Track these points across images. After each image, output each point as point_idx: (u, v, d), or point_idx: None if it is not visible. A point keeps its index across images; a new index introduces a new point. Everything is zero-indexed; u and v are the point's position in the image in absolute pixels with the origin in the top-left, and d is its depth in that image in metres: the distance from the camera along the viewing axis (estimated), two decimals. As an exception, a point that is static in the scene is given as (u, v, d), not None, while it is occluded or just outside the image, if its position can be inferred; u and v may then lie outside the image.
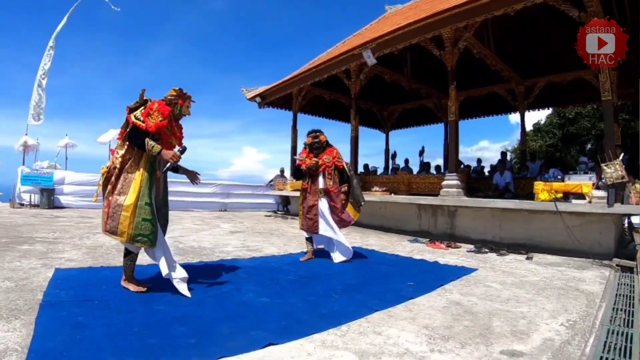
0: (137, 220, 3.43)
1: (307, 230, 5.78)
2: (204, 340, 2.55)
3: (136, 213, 3.43)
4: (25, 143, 14.05)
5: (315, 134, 5.83)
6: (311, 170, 5.70)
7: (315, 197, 5.69)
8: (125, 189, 3.51)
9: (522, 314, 3.35)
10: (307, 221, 5.73)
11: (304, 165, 5.73)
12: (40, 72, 14.31)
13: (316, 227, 5.63)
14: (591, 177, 6.77)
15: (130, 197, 3.45)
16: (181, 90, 3.81)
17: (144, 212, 3.46)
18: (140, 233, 3.44)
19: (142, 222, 3.45)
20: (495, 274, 5.03)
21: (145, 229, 3.46)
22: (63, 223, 8.48)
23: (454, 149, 9.22)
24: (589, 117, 22.76)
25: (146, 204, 3.48)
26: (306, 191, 5.81)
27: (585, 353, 2.51)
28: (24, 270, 4.13)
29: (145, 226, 3.46)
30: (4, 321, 2.67)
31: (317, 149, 5.79)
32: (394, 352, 2.48)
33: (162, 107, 3.61)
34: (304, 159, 5.77)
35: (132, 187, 3.49)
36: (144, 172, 3.54)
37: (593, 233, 6.57)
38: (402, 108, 17.04)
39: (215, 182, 16.06)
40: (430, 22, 8.68)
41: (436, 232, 9.01)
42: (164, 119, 3.56)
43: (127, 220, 3.42)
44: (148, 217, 3.47)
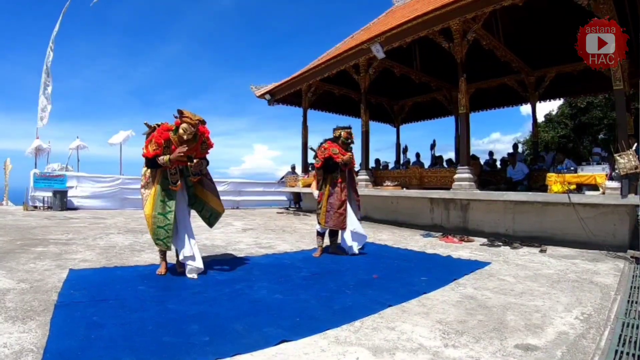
0: (154, 228, 4.08)
1: (334, 226, 5.64)
2: (217, 338, 2.57)
3: (152, 222, 4.08)
4: (38, 147, 14.24)
5: (350, 132, 5.82)
6: (345, 165, 5.66)
7: (346, 192, 5.67)
8: (145, 202, 4.20)
9: (536, 307, 3.34)
10: (336, 217, 5.58)
11: (338, 159, 5.60)
12: (43, 74, 14.49)
13: (345, 222, 5.61)
14: (604, 168, 6.68)
15: (146, 208, 4.13)
16: (179, 111, 4.10)
17: (157, 221, 4.08)
18: (157, 238, 4.10)
19: (157, 229, 4.08)
20: (508, 268, 5.01)
21: (160, 235, 4.08)
22: (76, 224, 8.59)
23: (465, 141, 9.17)
24: (601, 106, 22.40)
25: (159, 214, 4.07)
26: (335, 185, 5.64)
27: (600, 347, 2.50)
28: (38, 271, 4.20)
29: (159, 232, 4.08)
30: (20, 322, 2.72)
31: (348, 145, 5.79)
32: (408, 347, 2.49)
33: (159, 134, 4.05)
34: (337, 153, 5.64)
35: (147, 201, 4.15)
36: (157, 187, 4.15)
37: (607, 225, 6.51)
38: (412, 102, 16.94)
39: (226, 180, 16.13)
40: (438, 14, 8.63)
41: (449, 226, 8.98)
42: (157, 147, 4.01)
43: (149, 227, 4.13)
44: (161, 225, 4.08)
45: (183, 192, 4.34)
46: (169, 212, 4.09)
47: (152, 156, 4.02)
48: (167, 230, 4.07)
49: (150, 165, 4.14)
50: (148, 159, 4.09)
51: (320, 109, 16.68)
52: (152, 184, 4.19)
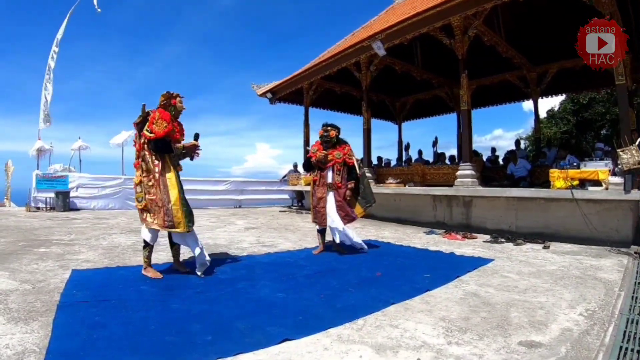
0: (184, 210, 4.07)
1: (317, 222, 5.84)
2: (220, 337, 2.57)
3: (181, 204, 4.06)
4: (40, 148, 14.27)
5: (326, 128, 5.83)
6: (320, 163, 5.73)
7: (324, 189, 5.73)
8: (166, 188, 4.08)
9: (540, 304, 3.33)
10: (316, 213, 5.79)
11: (314, 157, 5.76)
12: (46, 76, 14.51)
13: (324, 219, 5.68)
14: (607, 164, 6.66)
15: (172, 193, 4.06)
16: (168, 92, 4.23)
17: (185, 202, 4.12)
18: (190, 220, 4.11)
19: (187, 210, 4.11)
20: (512, 264, 4.99)
21: (190, 216, 4.14)
22: (79, 225, 8.61)
23: (468, 138, 9.16)
24: (603, 102, 22.33)
25: (182, 197, 4.11)
26: (315, 184, 5.84)
27: (604, 343, 2.49)
28: (41, 272, 4.21)
29: (188, 212, 4.12)
30: (22, 323, 2.72)
31: (327, 142, 5.79)
32: (411, 345, 2.48)
33: (162, 113, 4.08)
34: (315, 151, 5.80)
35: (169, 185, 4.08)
36: (173, 171, 4.14)
37: (610, 220, 6.49)
38: (414, 99, 16.92)
39: (228, 179, 16.13)
40: (439, 10, 8.61)
41: (452, 223, 8.97)
42: (168, 123, 4.04)
43: (179, 212, 4.03)
44: (186, 206, 4.12)
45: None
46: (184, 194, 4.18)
47: (164, 134, 3.99)
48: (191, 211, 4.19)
49: (160, 148, 4.06)
50: (158, 141, 4.01)
51: (322, 107, 16.69)
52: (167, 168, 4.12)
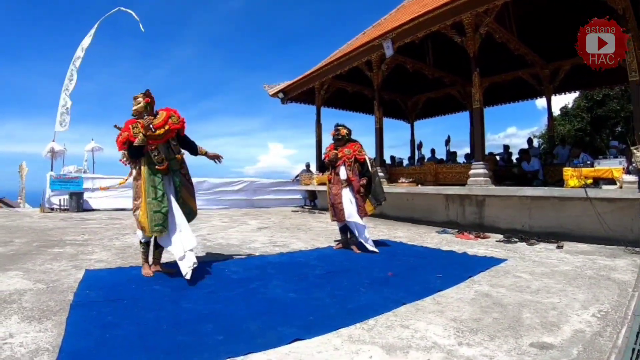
0: (150, 214, 4.01)
1: (336, 220, 5.98)
2: (231, 337, 2.59)
3: (147, 208, 4.02)
4: (52, 149, 14.45)
5: (337, 127, 6.05)
6: (332, 162, 5.92)
7: (338, 186, 5.87)
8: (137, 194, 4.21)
9: (552, 304, 3.30)
10: (334, 210, 5.93)
11: (327, 157, 5.97)
12: (66, 80, 14.65)
13: (342, 214, 5.79)
14: (621, 162, 6.56)
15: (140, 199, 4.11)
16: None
17: (152, 206, 4.02)
18: (156, 224, 4.00)
19: (153, 214, 4.01)
20: (525, 264, 4.96)
21: (157, 219, 4.01)
22: (92, 225, 8.72)
23: (480, 137, 9.11)
24: (618, 98, 21.99)
25: (152, 199, 4.04)
26: (330, 182, 6.01)
27: (617, 345, 2.47)
28: (55, 272, 4.28)
29: (156, 217, 4.01)
30: (36, 322, 2.77)
31: (339, 141, 6.00)
32: (422, 345, 2.48)
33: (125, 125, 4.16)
34: (328, 152, 6.02)
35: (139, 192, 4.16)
36: (144, 175, 4.11)
37: (625, 220, 6.39)
38: (426, 97, 16.85)
39: (241, 179, 16.16)
40: (449, 8, 8.56)
41: (464, 223, 8.92)
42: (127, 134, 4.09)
43: (142, 217, 4.04)
44: (157, 209, 4.02)
45: (170, 181, 4.26)
46: (161, 196, 4.07)
47: (123, 141, 4.09)
48: (164, 213, 4.05)
49: (131, 154, 4.15)
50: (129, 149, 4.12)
51: (334, 107, 16.69)
52: (139, 175, 4.18)
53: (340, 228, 6.12)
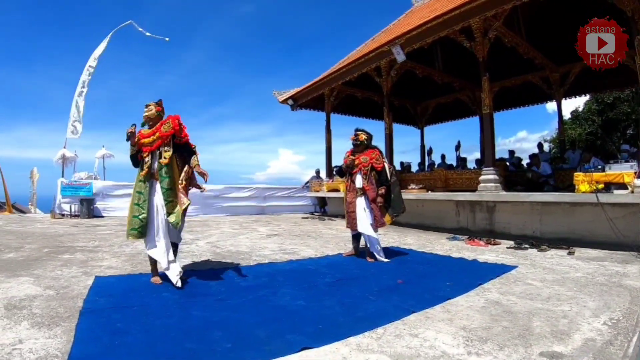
0: (130, 218, 4.17)
1: (349, 227, 5.94)
2: (240, 345, 2.60)
3: (129, 212, 4.19)
4: (64, 156, 14.61)
5: (356, 132, 5.94)
6: (348, 168, 5.86)
7: (353, 194, 5.82)
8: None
9: (563, 313, 3.28)
10: (348, 218, 5.91)
11: (344, 163, 5.91)
12: (79, 88, 14.81)
13: (355, 223, 5.76)
14: (633, 166, 6.50)
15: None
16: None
17: (133, 210, 4.14)
18: (132, 227, 4.11)
19: (132, 219, 4.13)
20: (535, 271, 4.93)
21: (134, 224, 4.11)
22: (103, 232, 8.77)
23: (490, 142, 9.06)
24: (628, 101, 21.75)
25: (135, 204, 4.15)
26: (347, 189, 5.96)
27: (627, 354, 2.44)
28: (65, 278, 4.32)
29: (134, 222, 4.11)
30: (46, 328, 2.80)
31: (357, 147, 5.90)
32: (430, 355, 2.48)
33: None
34: (346, 157, 5.94)
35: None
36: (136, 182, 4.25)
37: (636, 225, 6.30)
38: (435, 103, 16.81)
39: (251, 186, 16.19)
40: (458, 13, 8.57)
41: (475, 229, 8.88)
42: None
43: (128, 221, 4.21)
44: (136, 214, 4.11)
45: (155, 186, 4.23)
46: (142, 202, 4.13)
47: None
48: (142, 219, 4.08)
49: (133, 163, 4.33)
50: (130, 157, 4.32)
51: (344, 113, 16.75)
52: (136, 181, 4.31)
53: (353, 236, 6.08)
